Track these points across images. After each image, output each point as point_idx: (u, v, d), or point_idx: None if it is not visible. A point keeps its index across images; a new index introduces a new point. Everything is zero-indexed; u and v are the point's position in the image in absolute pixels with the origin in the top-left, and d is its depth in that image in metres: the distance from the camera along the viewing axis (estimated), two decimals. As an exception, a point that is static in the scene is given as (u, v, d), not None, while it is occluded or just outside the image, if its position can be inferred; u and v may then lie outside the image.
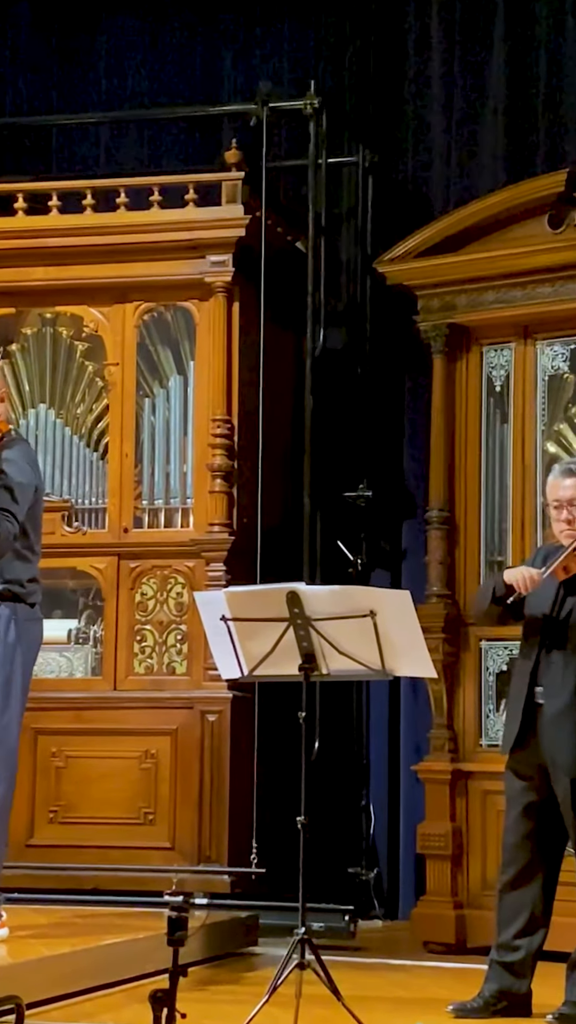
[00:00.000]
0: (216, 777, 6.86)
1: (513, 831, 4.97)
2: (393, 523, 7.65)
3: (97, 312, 7.30)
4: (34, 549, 5.29)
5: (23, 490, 5.15)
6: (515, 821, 4.96)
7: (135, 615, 7.13)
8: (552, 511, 5.03)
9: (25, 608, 5.24)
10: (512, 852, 4.97)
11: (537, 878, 4.93)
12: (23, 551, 5.22)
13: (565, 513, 4.95)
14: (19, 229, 7.31)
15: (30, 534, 5.25)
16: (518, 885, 4.94)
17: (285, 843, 6.75)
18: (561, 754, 4.85)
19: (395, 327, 7.43)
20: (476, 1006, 4.90)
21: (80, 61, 8.37)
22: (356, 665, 4.57)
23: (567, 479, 4.99)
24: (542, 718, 4.89)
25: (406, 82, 7.83)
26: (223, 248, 7.09)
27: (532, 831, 4.93)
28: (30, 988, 4.51)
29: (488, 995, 4.91)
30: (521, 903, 4.93)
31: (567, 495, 4.96)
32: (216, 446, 7.07)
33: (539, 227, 6.61)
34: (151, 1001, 3.55)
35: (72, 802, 7.01)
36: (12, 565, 5.19)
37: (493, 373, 6.80)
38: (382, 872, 7.47)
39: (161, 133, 8.21)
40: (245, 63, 8.10)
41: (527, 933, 4.91)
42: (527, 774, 4.93)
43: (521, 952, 4.91)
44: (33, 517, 5.26)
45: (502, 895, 4.98)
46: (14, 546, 5.15)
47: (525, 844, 4.93)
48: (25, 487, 5.16)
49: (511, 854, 4.97)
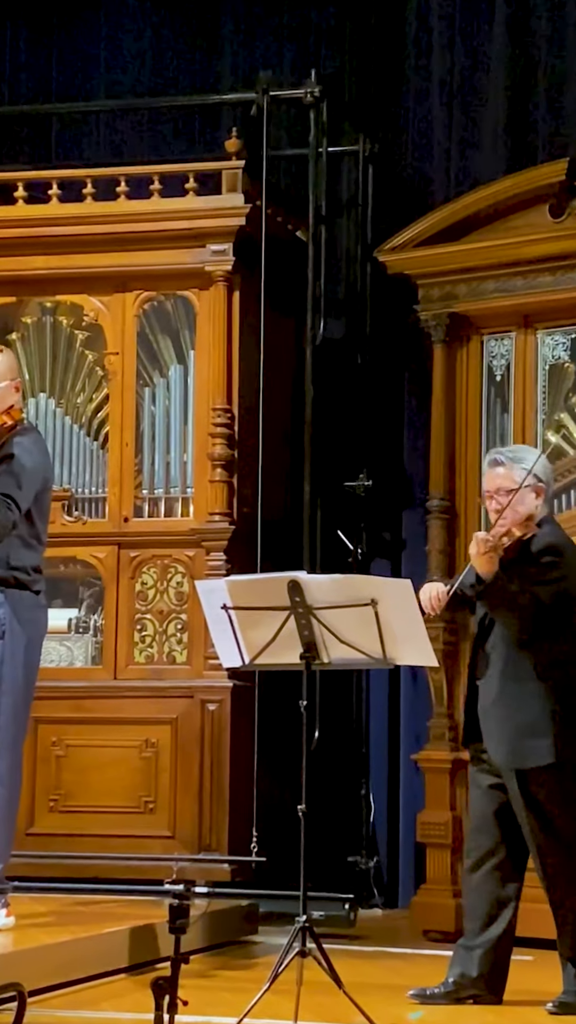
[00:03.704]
0: (216, 766, 6.87)
1: (475, 816, 4.97)
2: (393, 512, 7.66)
3: (97, 301, 7.29)
4: (40, 537, 5.28)
5: (30, 477, 5.14)
6: (477, 805, 4.96)
7: (135, 604, 7.13)
8: (485, 502, 5.00)
9: (30, 596, 5.23)
10: (474, 837, 4.97)
11: (502, 864, 4.90)
12: (29, 539, 5.21)
13: (495, 503, 4.90)
14: (19, 218, 7.30)
15: (36, 522, 5.24)
16: (480, 869, 4.92)
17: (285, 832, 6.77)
18: (496, 748, 4.86)
19: (395, 316, 7.42)
20: (438, 992, 4.89)
21: (80, 49, 8.35)
22: (357, 654, 4.57)
23: (494, 468, 4.94)
24: (480, 711, 4.91)
25: (406, 71, 7.81)
26: (223, 237, 7.07)
27: (495, 815, 4.90)
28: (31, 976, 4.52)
29: (452, 981, 4.90)
30: (486, 888, 4.90)
31: (493, 485, 4.92)
32: (216, 435, 7.07)
33: (540, 216, 6.61)
34: (153, 989, 3.56)
35: (72, 791, 7.02)
36: (18, 552, 5.18)
37: (494, 362, 6.79)
38: (382, 861, 7.48)
39: (161, 122, 8.20)
40: (245, 51, 8.08)
41: (493, 919, 4.88)
42: (483, 760, 4.93)
43: (486, 937, 4.89)
44: (40, 505, 5.25)
45: (466, 881, 4.98)
46: (13, 532, 5.13)
47: (488, 829, 4.91)
48: (32, 474, 5.15)
49: (473, 840, 4.97)
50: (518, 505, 4.88)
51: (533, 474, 4.89)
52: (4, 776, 5.21)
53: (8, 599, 5.18)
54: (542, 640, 4.83)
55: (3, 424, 5.23)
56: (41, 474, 5.24)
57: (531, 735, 4.79)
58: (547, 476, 5.01)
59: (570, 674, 4.85)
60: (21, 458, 5.14)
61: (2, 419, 5.22)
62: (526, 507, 4.91)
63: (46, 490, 5.31)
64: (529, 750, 4.80)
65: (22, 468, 5.12)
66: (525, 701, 4.81)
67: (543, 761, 4.78)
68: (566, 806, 4.82)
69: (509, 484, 4.87)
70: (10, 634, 5.17)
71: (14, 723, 5.21)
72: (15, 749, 5.25)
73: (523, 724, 4.81)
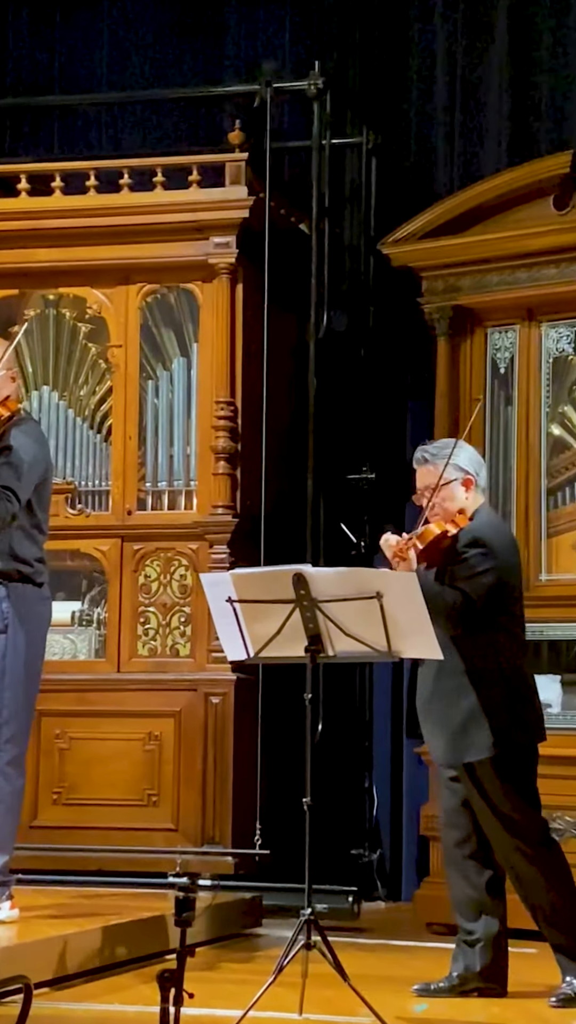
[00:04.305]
0: (219, 759, 6.87)
1: (443, 811, 4.95)
2: (396, 505, 7.64)
3: (100, 294, 7.29)
4: (42, 528, 5.27)
5: (29, 469, 5.13)
6: (443, 800, 4.95)
7: (139, 597, 7.13)
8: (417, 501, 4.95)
9: (33, 589, 5.22)
10: (446, 832, 4.95)
11: (475, 854, 4.88)
12: (31, 530, 5.20)
13: (426, 500, 4.86)
14: (22, 210, 7.29)
15: (38, 513, 5.23)
16: (455, 862, 4.91)
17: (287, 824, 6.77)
18: (435, 744, 4.85)
19: (399, 309, 7.41)
20: (443, 986, 4.89)
21: (82, 42, 8.33)
22: (362, 647, 4.56)
23: (420, 466, 4.89)
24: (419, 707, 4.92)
25: (410, 63, 7.80)
26: (227, 229, 7.07)
27: (462, 806, 4.87)
28: (36, 968, 4.53)
29: (456, 976, 4.90)
30: (466, 880, 4.88)
31: (421, 483, 4.88)
32: (219, 428, 7.07)
33: (544, 208, 6.60)
34: (159, 981, 3.54)
35: (76, 783, 7.02)
36: (21, 544, 5.17)
37: (497, 355, 6.78)
38: (384, 854, 7.49)
39: (164, 114, 8.19)
40: (248, 43, 8.07)
41: (483, 909, 4.87)
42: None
43: (485, 931, 4.88)
44: (41, 496, 5.24)
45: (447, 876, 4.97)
46: (14, 524, 5.12)
47: (456, 821, 4.89)
48: (32, 466, 5.14)
49: (445, 834, 4.95)
50: (446, 501, 4.82)
51: (457, 466, 4.82)
52: (9, 769, 5.20)
53: (11, 592, 5.18)
54: (476, 633, 4.75)
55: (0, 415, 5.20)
56: (41, 464, 5.23)
57: (467, 730, 4.74)
58: (474, 466, 4.91)
59: (504, 663, 4.78)
60: (20, 449, 5.13)
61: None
62: (456, 502, 4.85)
63: (46, 480, 5.30)
64: (467, 745, 4.75)
65: (21, 460, 5.11)
66: (460, 695, 4.75)
67: (481, 756, 4.74)
68: (512, 796, 4.76)
69: (434, 480, 4.81)
70: (13, 628, 5.16)
71: (18, 716, 5.21)
72: (20, 742, 5.25)
73: (459, 720, 4.75)
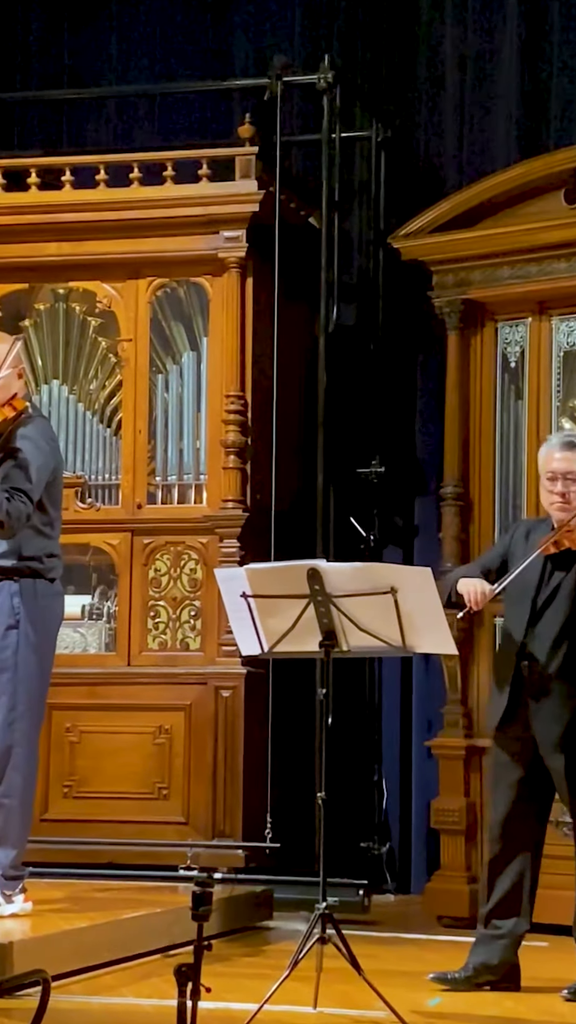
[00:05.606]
0: (230, 752, 6.88)
1: (499, 806, 4.97)
2: (406, 499, 7.66)
3: (110, 288, 7.29)
4: (53, 524, 5.27)
5: (39, 468, 5.12)
6: (502, 796, 4.96)
7: (149, 591, 7.14)
8: (545, 482, 4.97)
9: (44, 584, 5.23)
10: (499, 827, 4.97)
11: (524, 854, 4.92)
12: (42, 527, 5.21)
13: (559, 485, 4.90)
14: (32, 204, 7.29)
15: (49, 510, 5.23)
16: (507, 860, 4.93)
17: (297, 818, 6.79)
18: (549, 729, 4.86)
19: (409, 303, 7.42)
20: (458, 977, 4.92)
21: (91, 36, 8.33)
22: (376, 642, 4.57)
23: (563, 451, 4.93)
24: (530, 692, 4.90)
25: (419, 56, 7.80)
26: (237, 223, 7.07)
27: (518, 806, 4.91)
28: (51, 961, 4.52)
29: (472, 968, 4.93)
30: (509, 879, 4.93)
31: (562, 468, 4.90)
32: (229, 422, 7.07)
33: (554, 202, 6.59)
34: (176, 975, 3.55)
35: (86, 777, 7.03)
36: (31, 541, 5.17)
37: (508, 349, 6.78)
38: (394, 847, 7.50)
39: (173, 108, 8.18)
40: (258, 36, 8.06)
41: (514, 908, 4.91)
42: (514, 749, 4.94)
43: (507, 927, 4.92)
44: (52, 493, 5.24)
45: (490, 870, 4.98)
46: (28, 524, 5.13)
47: (511, 819, 4.92)
48: (42, 465, 5.14)
49: (498, 829, 4.97)
50: None
51: None
52: (21, 763, 5.21)
53: (22, 588, 5.19)
54: None
55: (6, 416, 5.20)
56: (51, 462, 5.23)
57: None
58: None
59: None
60: (29, 449, 5.13)
61: (5, 411, 5.19)
62: None
63: (57, 478, 5.30)
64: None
65: (30, 460, 5.11)
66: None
67: None
68: None
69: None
70: (25, 623, 5.17)
71: (30, 711, 5.22)
72: (32, 737, 5.26)
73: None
